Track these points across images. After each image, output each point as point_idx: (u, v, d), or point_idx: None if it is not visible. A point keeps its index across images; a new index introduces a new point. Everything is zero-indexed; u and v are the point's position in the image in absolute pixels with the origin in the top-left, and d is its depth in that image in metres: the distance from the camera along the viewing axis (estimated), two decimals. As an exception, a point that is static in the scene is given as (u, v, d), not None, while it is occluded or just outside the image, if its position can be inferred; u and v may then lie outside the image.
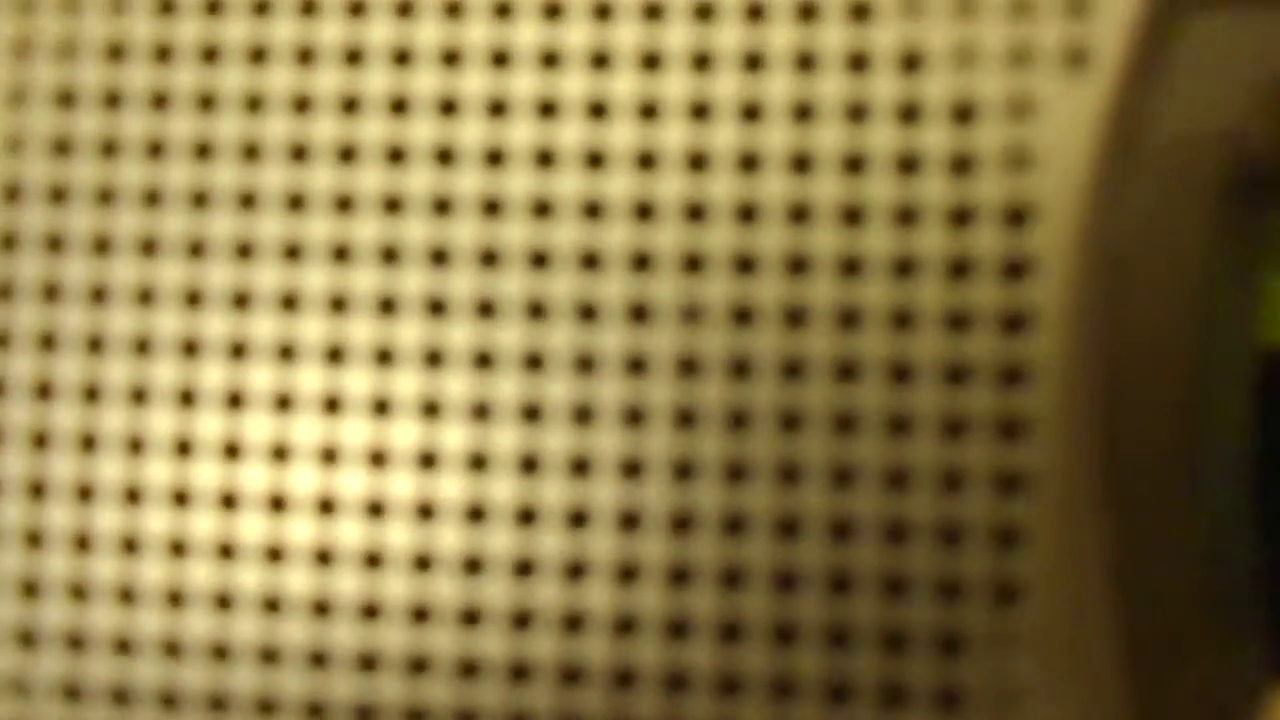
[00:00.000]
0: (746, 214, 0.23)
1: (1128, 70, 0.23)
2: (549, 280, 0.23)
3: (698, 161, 0.23)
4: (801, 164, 0.23)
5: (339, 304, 0.23)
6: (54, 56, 0.24)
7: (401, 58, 0.23)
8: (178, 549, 0.23)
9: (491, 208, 0.23)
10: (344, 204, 0.23)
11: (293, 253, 0.23)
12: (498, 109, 0.23)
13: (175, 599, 0.23)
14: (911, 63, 0.23)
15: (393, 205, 0.23)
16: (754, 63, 0.23)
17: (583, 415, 0.23)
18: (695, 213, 0.23)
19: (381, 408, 0.23)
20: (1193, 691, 0.22)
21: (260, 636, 0.23)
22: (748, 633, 0.22)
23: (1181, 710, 0.22)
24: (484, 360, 0.23)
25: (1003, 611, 0.22)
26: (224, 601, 0.23)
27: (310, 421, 0.23)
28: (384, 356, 0.23)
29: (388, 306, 0.23)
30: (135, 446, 0.23)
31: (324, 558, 0.23)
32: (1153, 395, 0.22)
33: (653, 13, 0.23)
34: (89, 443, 0.23)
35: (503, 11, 0.23)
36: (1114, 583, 0.22)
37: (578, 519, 0.23)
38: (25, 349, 0.24)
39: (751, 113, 0.23)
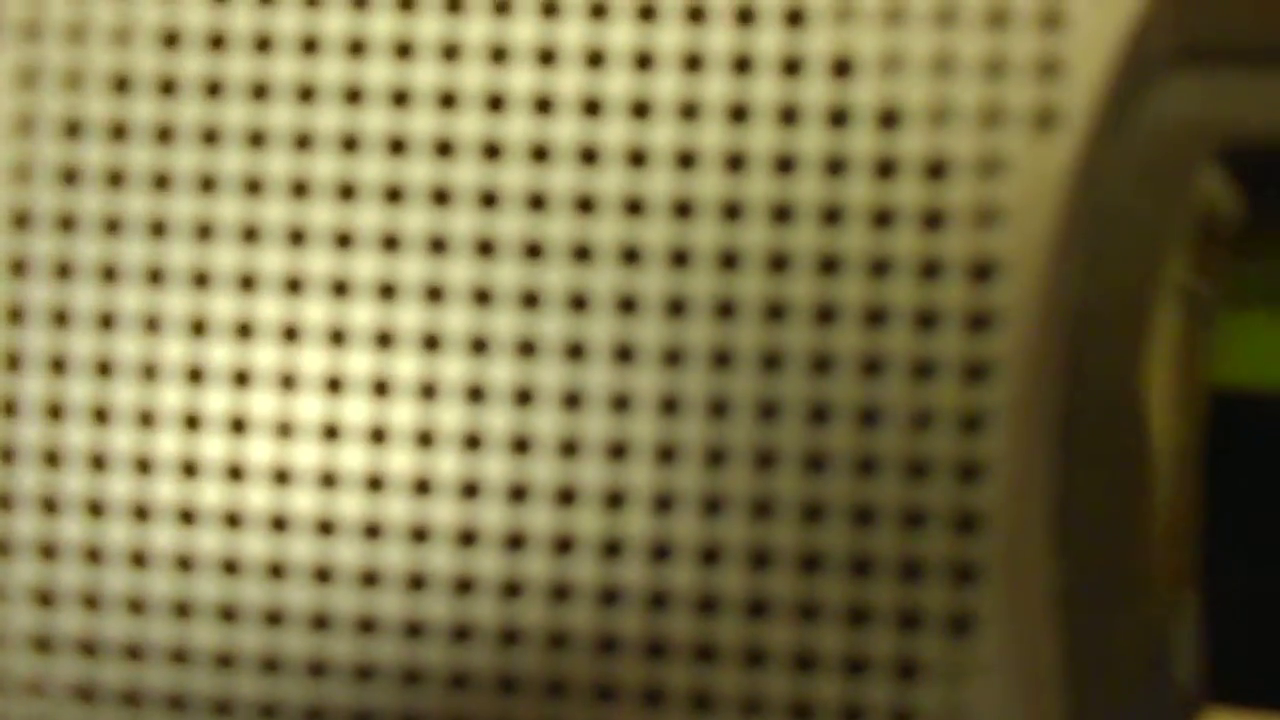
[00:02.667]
0: (728, 261, 0.24)
1: (1094, 129, 0.24)
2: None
3: (682, 209, 0.24)
4: (782, 214, 0.24)
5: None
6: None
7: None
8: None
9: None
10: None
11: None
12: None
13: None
14: (889, 119, 0.24)
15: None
16: (739, 114, 0.24)
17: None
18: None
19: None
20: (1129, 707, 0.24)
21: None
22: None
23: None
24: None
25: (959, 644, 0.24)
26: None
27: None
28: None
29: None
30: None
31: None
32: (1108, 440, 0.24)
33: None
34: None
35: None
36: (1059, 616, 0.24)
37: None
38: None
39: (736, 163, 0.24)
